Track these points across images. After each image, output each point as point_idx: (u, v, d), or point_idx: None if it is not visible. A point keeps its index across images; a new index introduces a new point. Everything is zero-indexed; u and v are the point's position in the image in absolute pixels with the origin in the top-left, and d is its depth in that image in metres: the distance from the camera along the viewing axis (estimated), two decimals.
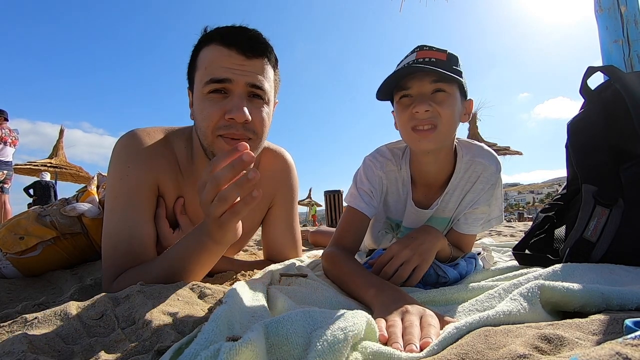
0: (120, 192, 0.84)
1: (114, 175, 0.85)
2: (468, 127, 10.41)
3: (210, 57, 0.79)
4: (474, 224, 1.06)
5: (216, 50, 0.78)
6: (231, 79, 0.77)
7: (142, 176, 0.85)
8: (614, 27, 2.15)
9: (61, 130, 10.14)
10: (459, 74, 0.88)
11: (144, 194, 0.86)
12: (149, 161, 0.87)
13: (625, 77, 0.82)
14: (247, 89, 0.79)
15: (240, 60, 0.78)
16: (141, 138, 0.89)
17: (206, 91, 0.78)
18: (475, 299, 0.61)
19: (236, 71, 0.77)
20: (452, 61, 0.88)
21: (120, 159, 0.86)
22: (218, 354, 0.32)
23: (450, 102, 0.87)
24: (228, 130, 0.78)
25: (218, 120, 0.78)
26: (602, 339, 0.39)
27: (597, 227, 0.76)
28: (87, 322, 0.53)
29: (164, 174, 0.89)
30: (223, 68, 0.77)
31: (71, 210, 1.15)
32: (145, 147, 0.88)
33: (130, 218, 0.83)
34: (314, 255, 1.39)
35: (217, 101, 0.78)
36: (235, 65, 0.77)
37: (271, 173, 1.08)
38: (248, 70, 0.78)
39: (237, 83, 0.78)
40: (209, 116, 0.78)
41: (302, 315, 0.44)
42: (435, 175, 1.01)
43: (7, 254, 1.08)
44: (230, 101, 0.78)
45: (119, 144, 0.88)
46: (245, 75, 0.78)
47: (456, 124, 0.91)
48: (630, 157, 0.76)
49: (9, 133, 4.57)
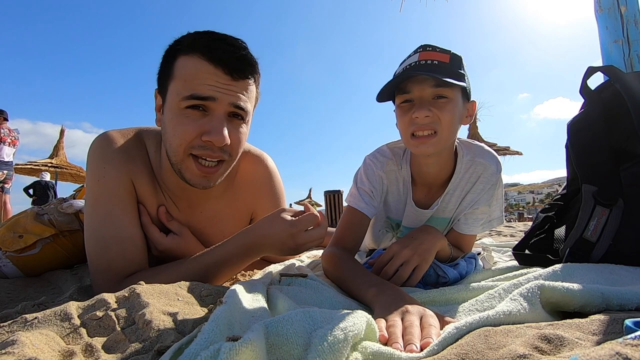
0: (99, 194, 0.81)
1: (91, 178, 0.83)
2: (468, 127, 10.41)
3: (191, 70, 0.74)
4: (474, 224, 1.06)
5: (199, 64, 0.74)
6: (215, 97, 0.73)
7: (119, 176, 0.83)
8: (614, 27, 2.14)
9: (62, 131, 10.15)
10: (461, 76, 0.86)
11: (123, 194, 0.83)
12: (124, 162, 0.84)
13: (625, 77, 0.82)
14: (229, 109, 0.76)
15: (226, 80, 0.74)
16: (114, 139, 0.86)
17: (183, 106, 0.74)
18: (475, 299, 0.61)
19: (221, 90, 0.74)
20: (455, 63, 0.87)
21: (96, 160, 0.83)
22: (218, 354, 0.32)
23: (451, 107, 0.85)
24: (203, 151, 0.76)
25: (193, 140, 0.75)
26: (602, 339, 0.39)
27: (597, 227, 0.76)
28: (87, 322, 0.53)
29: (139, 175, 0.86)
30: (207, 86, 0.73)
31: (68, 207, 1.16)
32: (118, 147, 0.85)
33: (115, 219, 0.80)
34: (314, 256, 1.39)
35: (194, 119, 0.74)
36: (220, 85, 0.74)
37: (250, 181, 1.03)
38: (233, 90, 0.75)
39: (221, 102, 0.74)
40: (183, 133, 0.74)
41: (302, 315, 0.44)
42: (436, 175, 1.01)
43: (6, 253, 1.08)
44: (209, 122, 0.74)
45: (93, 146, 0.86)
46: (230, 96, 0.75)
47: (457, 127, 0.90)
48: (630, 157, 0.76)
49: (8, 133, 4.57)
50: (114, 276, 0.79)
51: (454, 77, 0.84)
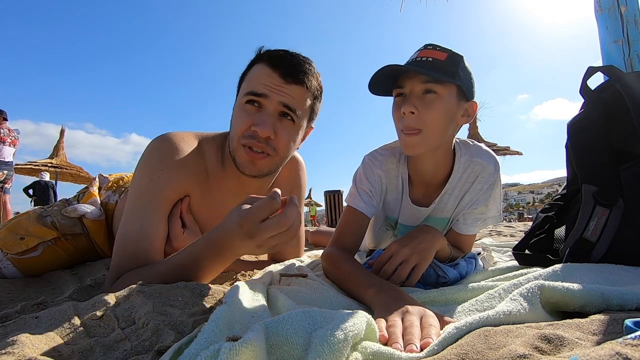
0: (144, 191, 0.84)
1: (143, 175, 0.85)
2: (468, 128, 10.41)
3: (255, 73, 0.86)
4: (473, 224, 1.06)
5: (261, 68, 0.86)
6: (267, 94, 0.83)
7: (173, 182, 0.86)
8: (614, 27, 2.14)
9: (62, 131, 10.15)
10: (455, 75, 0.86)
11: (168, 198, 0.86)
12: (182, 168, 0.88)
13: (625, 77, 0.82)
14: (279, 107, 0.84)
15: (279, 82, 0.84)
16: (176, 143, 0.89)
17: (243, 101, 0.85)
18: (475, 299, 0.61)
19: (273, 89, 0.83)
20: (451, 62, 0.87)
21: (153, 160, 0.86)
22: (218, 354, 0.32)
23: (439, 104, 0.85)
24: (250, 140, 0.84)
25: (245, 130, 0.84)
26: (602, 339, 0.39)
27: (597, 227, 0.76)
28: (87, 322, 0.53)
29: (194, 182, 0.91)
30: (262, 85, 0.84)
31: (72, 211, 1.15)
32: (180, 152, 0.89)
33: (146, 218, 0.82)
34: (314, 255, 1.39)
35: (250, 112, 0.85)
36: (274, 85, 0.84)
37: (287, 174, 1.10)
38: (284, 91, 0.84)
39: (271, 100, 0.83)
40: (239, 124, 0.85)
41: (302, 315, 0.44)
42: (433, 174, 1.01)
43: (7, 254, 1.08)
44: (260, 116, 0.84)
45: (153, 146, 0.89)
46: (281, 95, 0.84)
47: (447, 125, 0.88)
48: (630, 157, 0.76)
49: (8, 133, 4.57)
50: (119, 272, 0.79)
51: (446, 74, 0.84)
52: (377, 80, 0.90)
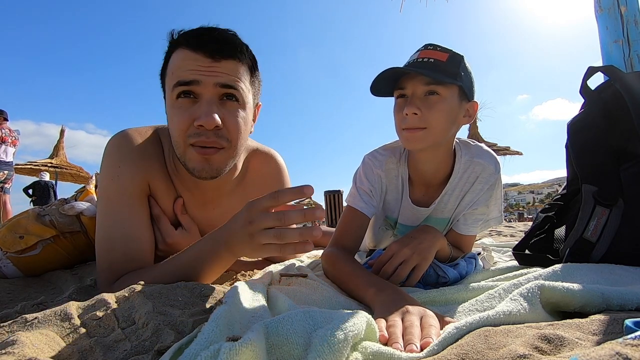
0: (112, 193, 0.82)
1: (105, 176, 0.83)
2: (468, 127, 10.41)
3: (177, 61, 0.76)
4: (473, 225, 1.06)
5: (183, 54, 0.75)
6: (198, 80, 0.73)
7: (134, 176, 0.83)
8: (614, 27, 2.14)
9: (62, 131, 10.14)
10: (457, 75, 0.86)
11: (136, 194, 0.84)
12: (140, 161, 0.85)
13: (625, 77, 0.82)
14: (217, 90, 0.75)
15: (208, 62, 0.74)
16: (131, 137, 0.86)
17: (174, 96, 0.75)
18: (475, 299, 0.61)
19: (204, 72, 0.74)
20: (453, 62, 0.87)
21: (112, 159, 0.84)
22: (218, 354, 0.32)
23: (441, 105, 0.86)
24: (198, 138, 0.75)
25: (187, 128, 0.75)
26: (602, 339, 0.39)
27: (597, 227, 0.76)
28: (87, 322, 0.53)
29: (154, 173, 0.87)
30: (189, 71, 0.73)
31: (70, 209, 1.16)
32: (136, 146, 0.86)
33: (125, 219, 0.81)
34: (314, 256, 1.39)
35: (186, 107, 0.75)
36: (202, 68, 0.74)
37: (261, 177, 1.05)
38: (217, 71, 0.75)
39: (206, 85, 0.74)
40: (178, 123, 0.75)
41: (302, 315, 0.44)
42: (433, 174, 1.01)
43: (7, 253, 1.08)
44: (199, 106, 0.74)
45: (110, 144, 0.87)
46: (215, 76, 0.74)
47: (449, 126, 0.89)
48: (631, 157, 0.76)
49: (9, 133, 4.57)
50: (112, 276, 0.79)
51: (448, 76, 0.85)
52: (378, 82, 0.90)
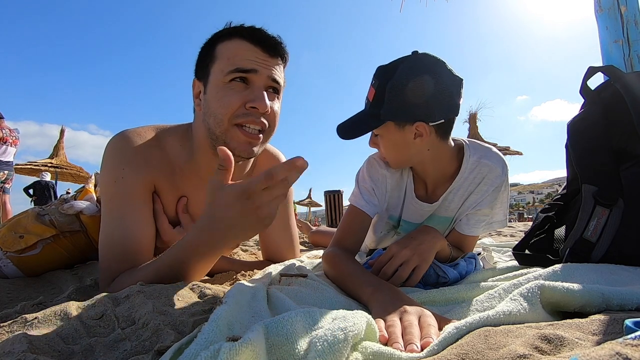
0: (115, 195, 0.83)
1: (108, 178, 0.84)
2: (468, 128, 10.40)
3: (234, 49, 0.82)
4: (475, 225, 1.06)
5: (241, 44, 0.82)
6: (257, 70, 0.81)
7: (139, 177, 0.85)
8: (614, 27, 2.14)
9: (62, 131, 10.15)
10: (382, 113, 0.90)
11: (140, 195, 0.85)
12: (144, 162, 0.86)
13: (625, 77, 0.82)
14: (268, 82, 0.83)
15: (264, 56, 0.83)
16: (132, 139, 0.88)
17: (228, 79, 0.81)
18: (475, 299, 0.61)
19: (261, 64, 0.82)
20: (379, 98, 0.91)
21: (114, 161, 0.85)
22: (218, 354, 0.32)
23: (384, 142, 0.96)
24: (247, 118, 0.81)
25: (238, 108, 0.81)
26: (602, 339, 0.39)
27: (597, 227, 0.76)
28: (87, 322, 0.53)
29: (159, 173, 0.89)
30: (249, 60, 0.81)
31: (69, 208, 1.16)
32: (138, 147, 0.87)
33: (127, 220, 0.82)
34: (314, 256, 1.39)
35: (238, 90, 0.81)
36: (260, 60, 0.82)
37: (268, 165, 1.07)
38: (270, 65, 0.83)
39: (261, 75, 0.82)
40: (229, 103, 0.80)
41: (302, 315, 0.44)
42: (437, 174, 1.02)
43: (7, 253, 1.08)
44: (252, 92, 0.81)
45: (110, 146, 0.88)
46: (269, 70, 0.83)
47: (403, 152, 0.96)
48: (631, 157, 0.76)
49: (9, 133, 4.57)
50: (110, 276, 0.80)
51: (373, 119, 0.92)
52: None
